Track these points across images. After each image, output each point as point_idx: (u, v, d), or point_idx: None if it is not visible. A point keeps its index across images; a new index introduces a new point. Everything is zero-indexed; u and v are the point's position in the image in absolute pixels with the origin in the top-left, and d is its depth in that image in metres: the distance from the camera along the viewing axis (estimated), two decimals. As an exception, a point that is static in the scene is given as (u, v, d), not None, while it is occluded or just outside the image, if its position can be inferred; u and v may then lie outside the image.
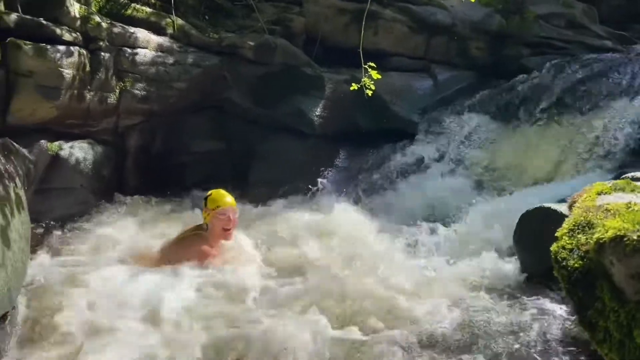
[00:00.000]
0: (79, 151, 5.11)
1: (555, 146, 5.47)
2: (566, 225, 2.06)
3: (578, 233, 2.00)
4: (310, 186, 5.61)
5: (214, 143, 6.25)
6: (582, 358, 2.70)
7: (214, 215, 4.01)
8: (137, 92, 5.47)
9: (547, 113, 5.87)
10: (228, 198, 4.11)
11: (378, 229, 4.40)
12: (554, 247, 2.00)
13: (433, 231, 4.62)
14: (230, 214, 4.03)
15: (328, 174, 6.09)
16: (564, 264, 1.94)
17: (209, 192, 4.16)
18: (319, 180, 5.64)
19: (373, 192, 5.60)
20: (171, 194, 5.75)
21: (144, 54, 5.51)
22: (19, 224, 3.58)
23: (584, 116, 5.54)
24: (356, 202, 5.03)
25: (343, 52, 6.59)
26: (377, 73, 3.90)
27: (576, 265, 1.93)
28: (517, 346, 2.90)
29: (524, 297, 3.48)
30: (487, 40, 7.34)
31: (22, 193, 3.82)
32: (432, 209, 5.11)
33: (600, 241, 1.85)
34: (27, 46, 4.57)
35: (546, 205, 3.66)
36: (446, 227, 4.71)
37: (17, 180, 3.80)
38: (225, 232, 4.04)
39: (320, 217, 4.84)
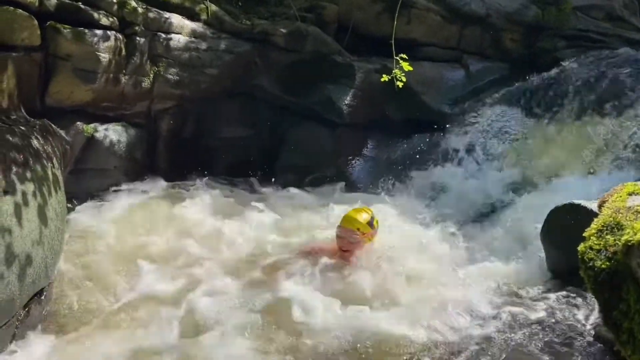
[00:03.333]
0: (113, 133, 5.23)
1: (589, 142, 5.37)
2: (594, 225, 2.05)
3: (606, 234, 1.98)
4: (338, 175, 5.64)
5: (243, 129, 6.30)
6: (605, 358, 2.69)
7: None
8: (170, 76, 5.55)
9: (581, 108, 5.76)
10: (347, 220, 3.87)
11: (405, 220, 4.40)
12: (581, 247, 2.00)
13: (462, 223, 4.61)
14: (344, 235, 3.84)
15: (356, 163, 6.11)
16: (590, 264, 1.93)
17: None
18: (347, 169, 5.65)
19: (401, 184, 5.59)
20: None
21: (178, 40, 5.58)
22: (56, 203, 3.71)
23: (619, 113, 5.42)
24: (384, 192, 5.03)
25: (374, 41, 6.58)
26: (409, 64, 3.87)
27: (603, 266, 1.93)
28: (540, 343, 2.91)
29: (550, 294, 3.47)
30: (521, 31, 7.22)
31: (59, 173, 3.95)
32: (461, 201, 5.09)
33: (629, 243, 1.84)
34: (66, 30, 4.67)
35: (576, 201, 3.62)
36: (475, 220, 4.69)
37: (54, 160, 3.93)
38: (342, 252, 3.86)
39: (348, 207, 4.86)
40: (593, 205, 3.47)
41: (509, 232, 4.40)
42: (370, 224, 3.91)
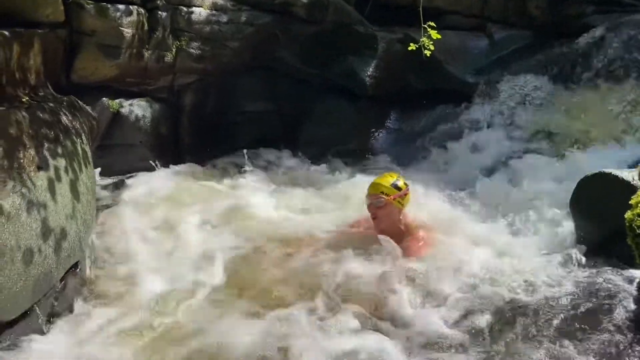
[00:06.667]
0: (138, 109, 5.28)
1: (616, 110, 5.26)
2: (641, 193, 2.02)
3: (655, 201, 1.95)
4: (361, 147, 5.62)
5: (265, 103, 6.30)
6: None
7: None
8: (192, 51, 5.56)
9: (609, 75, 5.63)
10: (371, 186, 3.77)
11: (430, 192, 4.38)
12: (628, 214, 1.97)
13: (487, 195, 4.58)
14: (371, 201, 3.74)
15: (379, 135, 6.08)
16: (638, 232, 1.91)
17: None
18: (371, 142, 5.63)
19: (426, 155, 5.56)
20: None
21: (199, 13, 5.57)
22: (86, 178, 3.77)
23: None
24: (408, 164, 5.01)
25: (396, 10, 6.47)
26: (436, 32, 3.79)
27: (652, 234, 1.90)
28: (568, 314, 2.88)
29: (580, 265, 3.44)
30: (547, -3, 7.02)
31: (87, 148, 4.00)
32: (486, 172, 5.05)
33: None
34: (89, 5, 4.71)
35: (607, 170, 3.56)
36: (500, 191, 4.65)
37: (83, 136, 3.97)
38: (373, 220, 3.79)
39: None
40: (625, 174, 3.41)
41: (535, 200, 4.35)
42: (395, 186, 3.78)
